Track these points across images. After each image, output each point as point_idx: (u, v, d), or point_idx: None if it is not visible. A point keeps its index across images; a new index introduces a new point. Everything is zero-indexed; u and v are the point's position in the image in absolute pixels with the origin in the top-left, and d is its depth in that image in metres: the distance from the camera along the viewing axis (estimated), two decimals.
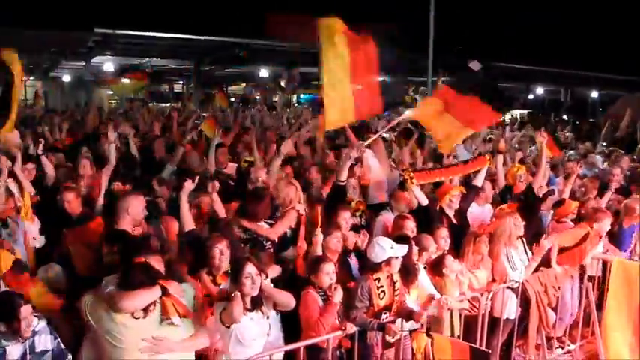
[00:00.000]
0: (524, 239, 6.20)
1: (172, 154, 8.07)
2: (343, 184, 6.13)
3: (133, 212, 4.91)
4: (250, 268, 4.01)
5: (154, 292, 3.66)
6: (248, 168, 7.37)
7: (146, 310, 3.63)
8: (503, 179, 7.72)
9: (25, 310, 3.52)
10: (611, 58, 26.61)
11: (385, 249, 4.76)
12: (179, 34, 19.80)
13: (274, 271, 4.87)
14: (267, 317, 4.20)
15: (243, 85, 37.83)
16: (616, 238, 7.06)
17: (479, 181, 6.79)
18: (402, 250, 4.81)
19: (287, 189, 5.78)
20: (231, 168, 7.96)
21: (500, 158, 7.62)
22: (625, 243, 7.06)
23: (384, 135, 12.43)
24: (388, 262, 4.76)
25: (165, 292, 3.71)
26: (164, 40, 20.62)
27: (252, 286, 4.00)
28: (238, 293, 3.90)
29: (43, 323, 3.67)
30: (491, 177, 7.47)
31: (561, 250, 6.37)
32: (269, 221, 5.52)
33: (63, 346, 3.72)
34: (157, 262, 4.06)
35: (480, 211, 7.01)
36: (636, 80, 27.73)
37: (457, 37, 22.59)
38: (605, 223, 6.50)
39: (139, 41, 20.66)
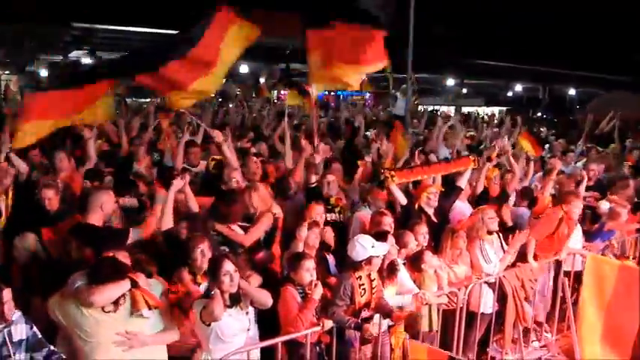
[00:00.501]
0: (500, 234, 6.27)
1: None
2: (313, 185, 6.09)
3: (106, 208, 4.85)
4: (228, 266, 4.01)
5: (123, 285, 3.69)
6: (216, 166, 7.32)
7: (116, 303, 3.67)
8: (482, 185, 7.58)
9: (7, 293, 3.49)
10: (588, 56, 26.91)
11: (366, 248, 4.73)
12: (158, 29, 19.61)
13: (256, 280, 4.83)
14: (247, 313, 4.21)
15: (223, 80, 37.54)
16: (595, 236, 7.18)
17: (462, 182, 6.79)
18: (382, 249, 4.82)
19: (250, 196, 5.56)
20: (203, 165, 7.79)
21: (487, 167, 7.40)
22: (603, 241, 7.16)
23: (367, 133, 12.51)
24: (369, 260, 4.73)
25: (134, 284, 3.73)
26: (143, 35, 20.41)
27: (231, 283, 4.00)
28: (218, 292, 3.90)
29: (18, 313, 3.63)
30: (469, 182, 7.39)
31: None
32: (244, 224, 5.38)
33: (40, 335, 3.67)
34: (124, 258, 4.05)
35: (462, 207, 7.01)
36: (613, 79, 28.17)
37: (436, 33, 22.67)
38: (576, 205, 6.56)
39: (117, 36, 20.47)
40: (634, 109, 19.19)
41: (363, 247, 4.73)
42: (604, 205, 7.42)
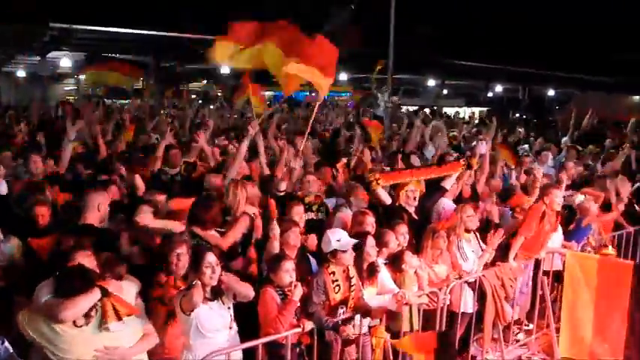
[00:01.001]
0: (477, 233, 6.29)
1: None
2: (282, 193, 6.02)
3: (102, 208, 4.95)
4: (211, 258, 4.08)
5: (93, 296, 3.54)
6: (186, 169, 7.32)
7: (87, 316, 3.54)
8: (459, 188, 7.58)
9: None
10: (567, 56, 27.19)
11: (331, 241, 4.78)
12: (138, 30, 19.45)
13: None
14: (229, 308, 4.20)
15: (204, 82, 37.40)
16: (573, 234, 7.24)
17: (447, 183, 6.79)
18: (348, 244, 4.80)
19: (237, 192, 5.52)
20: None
21: (468, 174, 7.45)
22: (581, 240, 7.24)
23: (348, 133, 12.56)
24: (334, 254, 4.77)
25: (105, 293, 3.60)
26: (123, 36, 20.23)
27: (212, 275, 4.06)
28: (199, 282, 3.93)
29: None
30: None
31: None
32: (220, 229, 5.30)
33: (12, 350, 3.51)
34: (87, 258, 3.93)
35: (451, 206, 6.97)
36: (592, 79, 28.51)
37: (419, 34, 22.82)
38: (556, 195, 6.61)
39: (96, 36, 20.23)
40: (611, 109, 19.53)
41: (329, 239, 4.79)
42: (578, 199, 7.51)
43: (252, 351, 4.36)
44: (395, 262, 5.46)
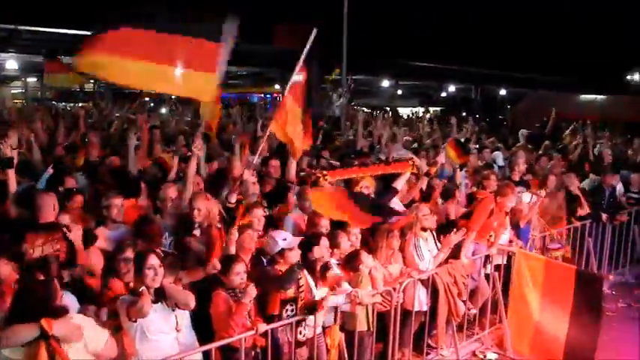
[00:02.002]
0: (434, 232, 6.37)
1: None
2: (232, 205, 5.72)
3: (56, 208, 4.86)
4: (153, 260, 4.05)
5: (30, 332, 3.24)
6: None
7: None
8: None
9: None
10: (516, 57, 27.88)
11: (277, 241, 4.93)
12: (87, 31, 19.06)
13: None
14: (173, 309, 4.15)
15: None
16: (518, 237, 7.36)
17: (398, 184, 6.80)
18: (294, 241, 4.95)
19: (205, 203, 5.41)
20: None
21: (425, 180, 7.39)
22: (525, 239, 7.39)
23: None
24: (282, 254, 4.91)
25: (45, 336, 3.24)
26: (71, 37, 19.77)
27: (155, 277, 4.03)
28: (145, 288, 3.90)
29: None
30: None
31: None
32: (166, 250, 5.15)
33: None
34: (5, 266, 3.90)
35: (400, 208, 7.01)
36: (543, 79, 29.29)
37: (371, 37, 23.05)
38: (510, 198, 6.72)
39: (44, 38, 19.71)
40: (561, 107, 20.06)
41: (275, 240, 4.96)
42: (525, 197, 7.68)
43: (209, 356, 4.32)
44: (351, 262, 5.48)
